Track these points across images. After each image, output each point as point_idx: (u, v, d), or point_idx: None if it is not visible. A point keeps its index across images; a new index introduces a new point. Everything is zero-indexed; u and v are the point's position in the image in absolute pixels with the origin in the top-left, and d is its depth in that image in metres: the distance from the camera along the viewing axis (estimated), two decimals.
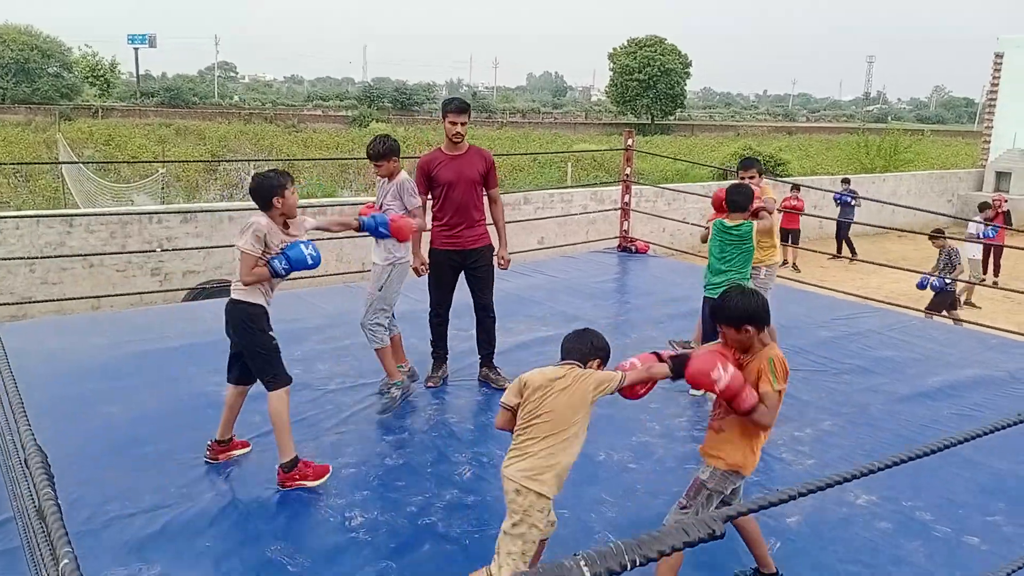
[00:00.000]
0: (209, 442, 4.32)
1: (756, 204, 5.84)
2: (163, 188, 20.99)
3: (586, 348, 3.16)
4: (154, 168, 21.77)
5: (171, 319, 6.99)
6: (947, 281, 10.77)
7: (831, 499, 4.01)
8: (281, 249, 4.01)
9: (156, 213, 12.52)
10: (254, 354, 4.09)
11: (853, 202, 16.50)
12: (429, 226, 5.42)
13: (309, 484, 4.06)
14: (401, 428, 4.82)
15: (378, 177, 5.22)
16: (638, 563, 1.38)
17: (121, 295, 10.78)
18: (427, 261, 5.44)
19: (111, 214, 12.45)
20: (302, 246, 4.03)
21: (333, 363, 5.80)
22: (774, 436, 4.85)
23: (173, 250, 11.66)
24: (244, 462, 4.33)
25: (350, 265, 12.77)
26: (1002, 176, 24.30)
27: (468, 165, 5.29)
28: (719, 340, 3.25)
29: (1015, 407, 5.36)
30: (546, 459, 3.00)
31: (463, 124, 5.23)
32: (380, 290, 5.06)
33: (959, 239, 13.61)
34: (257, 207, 4.06)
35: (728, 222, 5.26)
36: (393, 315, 5.23)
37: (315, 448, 4.49)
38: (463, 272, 5.44)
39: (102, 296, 10.77)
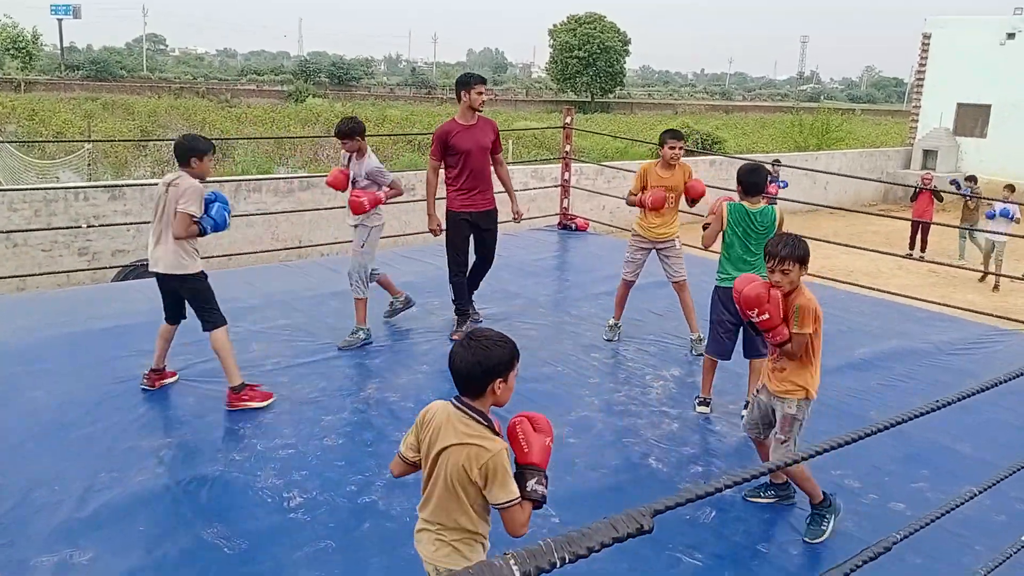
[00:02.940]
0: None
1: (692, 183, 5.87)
2: (89, 164, 20.30)
3: (477, 371, 2.33)
4: (80, 143, 21.02)
5: (100, 300, 6.78)
6: None
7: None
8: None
9: (82, 188, 12.11)
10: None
11: (784, 186, 15.59)
12: (443, 192, 5.92)
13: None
14: (340, 408, 4.77)
15: (345, 152, 5.73)
16: (567, 560, 1.39)
17: (47, 273, 10.43)
18: (442, 223, 5.96)
19: (34, 189, 12.00)
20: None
21: (268, 343, 5.70)
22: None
23: (100, 226, 11.30)
24: (179, 443, 4.24)
25: (286, 243, 12.57)
26: (929, 154, 25.05)
27: (481, 134, 5.84)
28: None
29: (938, 377, 5.57)
30: (459, 533, 2.43)
31: (486, 93, 5.84)
32: (363, 246, 5.70)
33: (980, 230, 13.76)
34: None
35: (751, 207, 4.60)
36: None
37: (253, 428, 4.43)
38: (475, 232, 5.98)
39: (27, 275, 10.39)
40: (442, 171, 5.91)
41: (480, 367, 2.32)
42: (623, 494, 3.99)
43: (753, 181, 4.61)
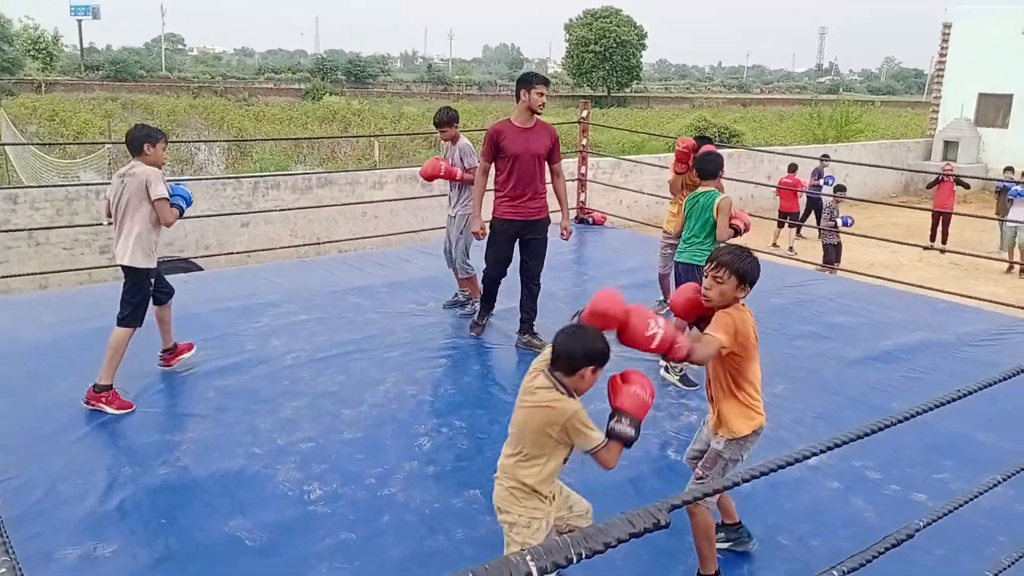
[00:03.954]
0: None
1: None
2: (110, 164, 20.46)
3: (576, 354, 2.73)
4: (101, 143, 21.20)
5: None
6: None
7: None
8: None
9: (103, 186, 12.21)
10: None
11: (830, 182, 15.21)
12: (491, 190, 5.65)
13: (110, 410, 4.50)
14: (359, 401, 4.79)
15: (443, 141, 6.38)
16: (584, 556, 1.39)
17: (69, 270, 10.54)
18: (487, 228, 5.73)
19: (56, 187, 12.13)
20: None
21: (288, 338, 5.74)
22: None
23: None
24: (200, 438, 4.28)
25: (305, 239, 12.63)
26: (949, 145, 24.78)
27: (536, 139, 5.48)
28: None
29: (962, 369, 5.51)
30: (527, 472, 2.78)
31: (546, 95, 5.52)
32: (461, 233, 6.19)
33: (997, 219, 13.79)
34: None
35: (700, 189, 5.23)
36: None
37: (273, 423, 4.46)
38: (518, 241, 5.64)
39: (49, 273, 10.51)
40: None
41: (582, 350, 2.71)
42: (642, 485, 3.99)
43: (701, 167, 5.26)
